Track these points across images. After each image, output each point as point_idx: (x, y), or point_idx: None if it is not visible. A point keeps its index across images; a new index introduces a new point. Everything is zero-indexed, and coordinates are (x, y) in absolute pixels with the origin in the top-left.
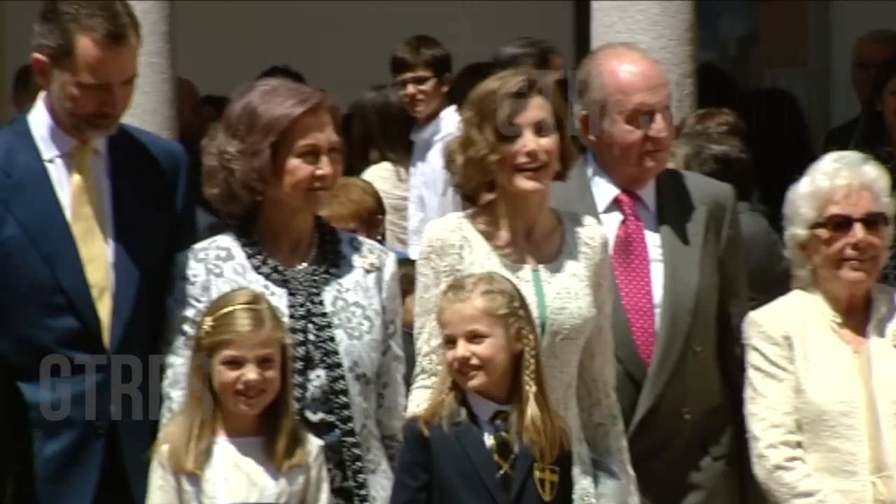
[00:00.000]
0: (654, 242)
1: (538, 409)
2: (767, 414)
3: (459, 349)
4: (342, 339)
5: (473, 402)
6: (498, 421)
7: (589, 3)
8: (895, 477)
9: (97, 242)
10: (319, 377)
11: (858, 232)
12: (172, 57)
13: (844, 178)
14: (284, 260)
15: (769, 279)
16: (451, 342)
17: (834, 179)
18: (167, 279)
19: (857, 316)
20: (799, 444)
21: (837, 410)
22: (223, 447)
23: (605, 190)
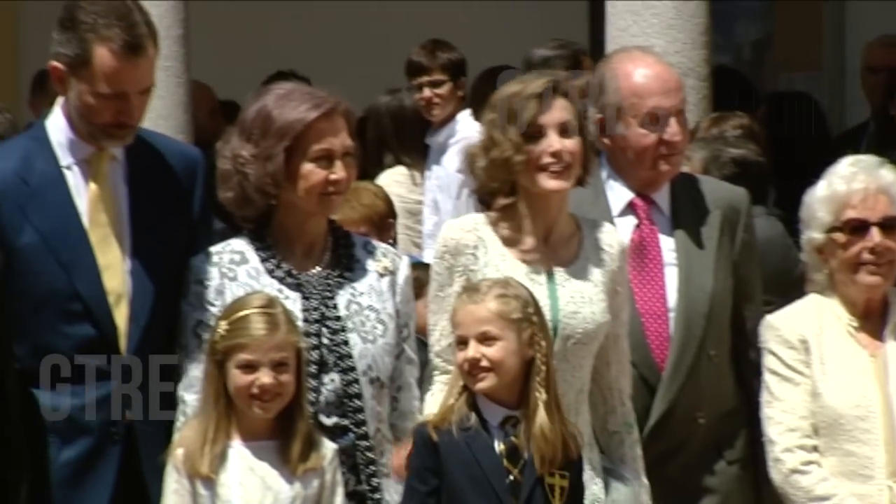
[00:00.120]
0: (668, 246)
1: (547, 417)
2: (784, 418)
3: (470, 350)
4: (356, 342)
5: (483, 406)
6: (508, 426)
7: (603, 6)
8: None
9: (114, 249)
10: (333, 381)
11: (875, 236)
12: (187, 61)
13: (861, 181)
14: (298, 264)
15: (786, 282)
16: (462, 343)
17: (850, 183)
18: (182, 283)
19: (873, 320)
20: (815, 448)
21: (854, 414)
22: (238, 451)
23: (619, 194)
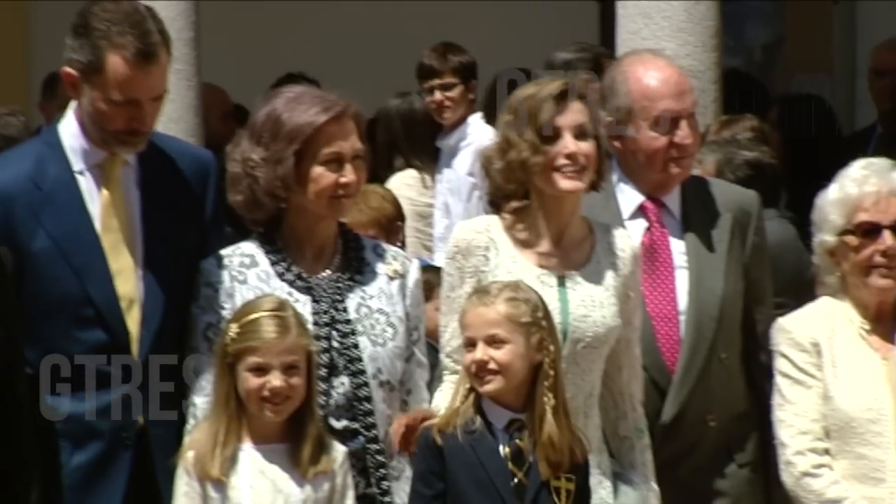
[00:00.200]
0: (678, 249)
1: (555, 422)
2: (795, 421)
3: (478, 352)
4: (366, 346)
5: (488, 410)
6: (512, 429)
7: (614, 9)
8: None
9: (126, 254)
10: (343, 384)
11: (887, 239)
12: (198, 63)
13: (873, 184)
14: (308, 267)
15: (800, 285)
16: (470, 345)
17: (862, 186)
18: (192, 286)
19: (885, 323)
20: (827, 451)
21: (865, 417)
22: (248, 454)
23: (629, 197)
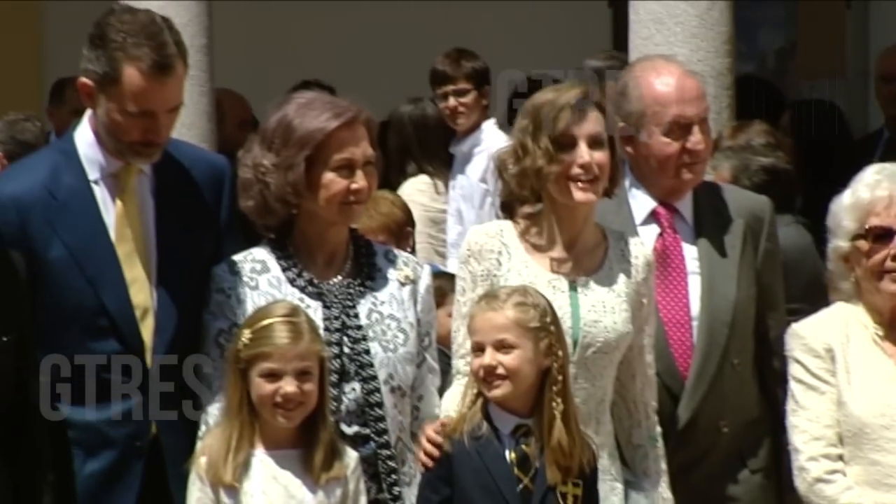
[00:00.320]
0: (691, 255)
1: (564, 429)
2: (808, 426)
3: (486, 357)
4: (377, 351)
5: (495, 415)
6: (519, 435)
7: (627, 15)
8: None
9: (140, 264)
10: (354, 390)
11: None
12: (211, 70)
13: (885, 189)
14: (319, 273)
15: (817, 291)
16: (479, 350)
17: (875, 191)
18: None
19: None
20: (840, 456)
21: (879, 423)
22: (261, 460)
23: (642, 202)
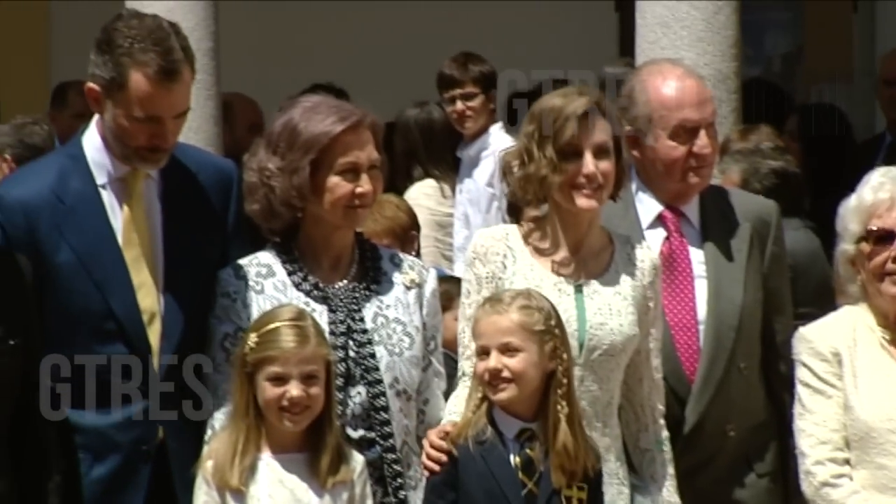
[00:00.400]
0: (697, 259)
1: (570, 432)
2: (815, 430)
3: (492, 360)
4: (383, 355)
5: (499, 419)
6: (523, 438)
7: (633, 19)
8: None
9: (148, 268)
10: (360, 394)
11: None
12: (217, 74)
13: (887, 191)
14: (325, 276)
15: (827, 295)
16: (484, 353)
17: (877, 193)
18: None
19: None
20: (847, 461)
21: (886, 428)
22: (267, 463)
23: (648, 206)
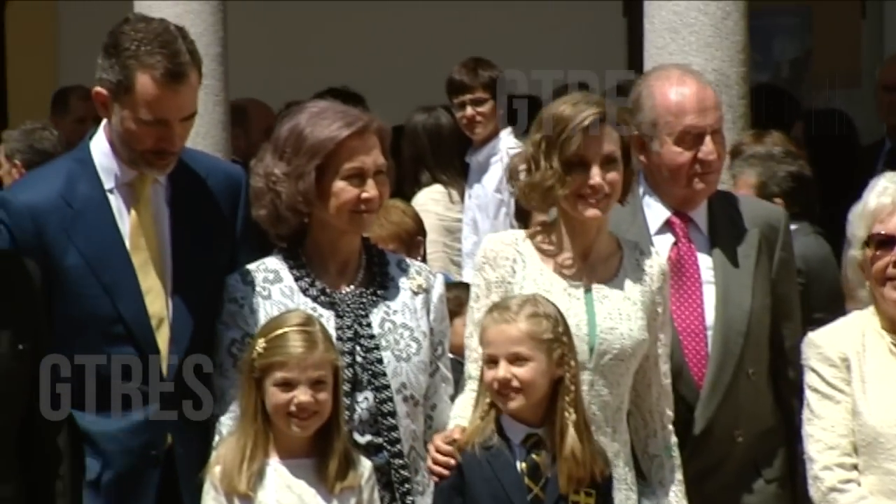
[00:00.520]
0: (706, 264)
1: (578, 438)
2: (823, 436)
3: (501, 370)
4: (390, 360)
5: (506, 425)
6: (529, 444)
7: (642, 24)
8: None
9: (156, 273)
10: (367, 399)
11: None
12: (225, 79)
13: (889, 196)
14: (332, 282)
15: (840, 300)
16: (492, 362)
17: (881, 198)
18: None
19: None
20: (855, 466)
21: (893, 433)
22: (275, 469)
23: (656, 212)
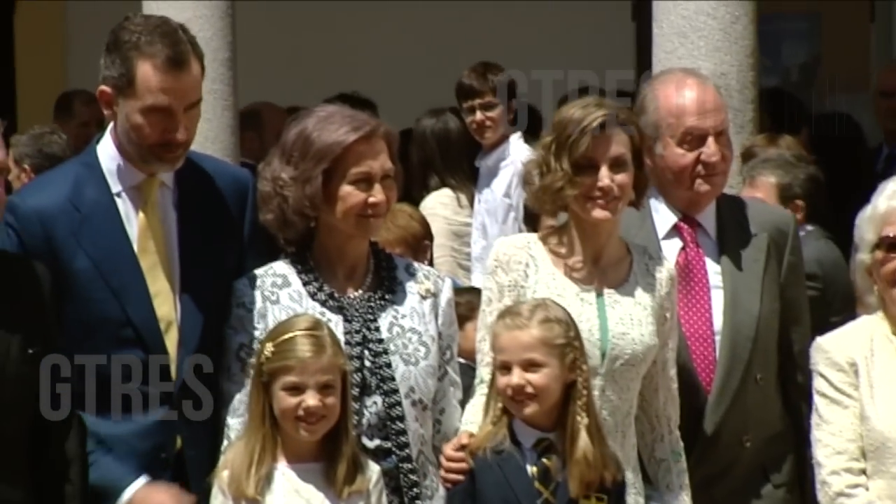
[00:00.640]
0: (714, 269)
1: (590, 441)
2: (831, 440)
3: (514, 377)
4: (398, 365)
5: (518, 429)
6: (540, 448)
7: (650, 29)
8: None
9: (163, 277)
10: (376, 404)
11: None
12: (234, 84)
13: None
14: (340, 286)
15: (854, 304)
16: (505, 368)
17: (891, 201)
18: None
19: None
20: (863, 471)
21: None
22: (283, 473)
23: (664, 216)
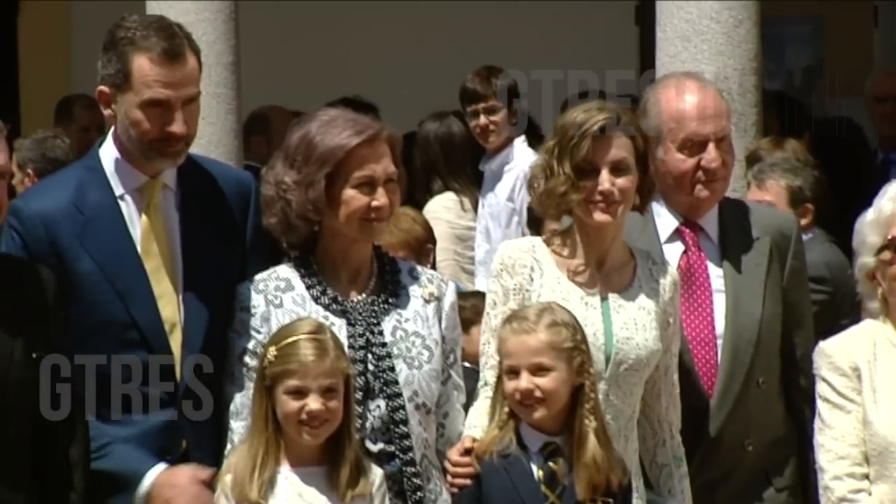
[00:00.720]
0: (716, 273)
1: (599, 444)
2: (834, 445)
3: (523, 381)
4: (402, 368)
5: (524, 433)
6: (547, 452)
7: (654, 33)
8: None
9: (166, 279)
10: (379, 407)
11: None
12: (237, 88)
13: None
14: (343, 290)
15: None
16: (513, 373)
17: (895, 203)
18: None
19: None
20: (866, 476)
21: None
22: (286, 477)
23: (667, 220)
